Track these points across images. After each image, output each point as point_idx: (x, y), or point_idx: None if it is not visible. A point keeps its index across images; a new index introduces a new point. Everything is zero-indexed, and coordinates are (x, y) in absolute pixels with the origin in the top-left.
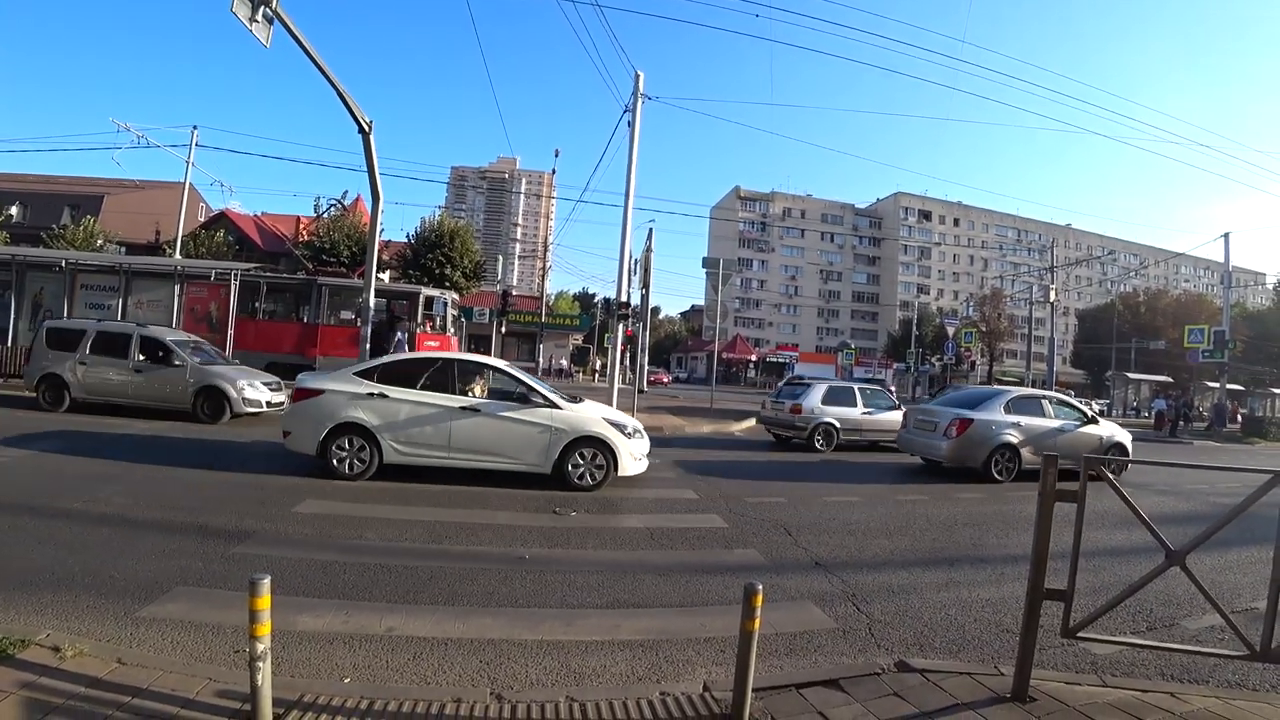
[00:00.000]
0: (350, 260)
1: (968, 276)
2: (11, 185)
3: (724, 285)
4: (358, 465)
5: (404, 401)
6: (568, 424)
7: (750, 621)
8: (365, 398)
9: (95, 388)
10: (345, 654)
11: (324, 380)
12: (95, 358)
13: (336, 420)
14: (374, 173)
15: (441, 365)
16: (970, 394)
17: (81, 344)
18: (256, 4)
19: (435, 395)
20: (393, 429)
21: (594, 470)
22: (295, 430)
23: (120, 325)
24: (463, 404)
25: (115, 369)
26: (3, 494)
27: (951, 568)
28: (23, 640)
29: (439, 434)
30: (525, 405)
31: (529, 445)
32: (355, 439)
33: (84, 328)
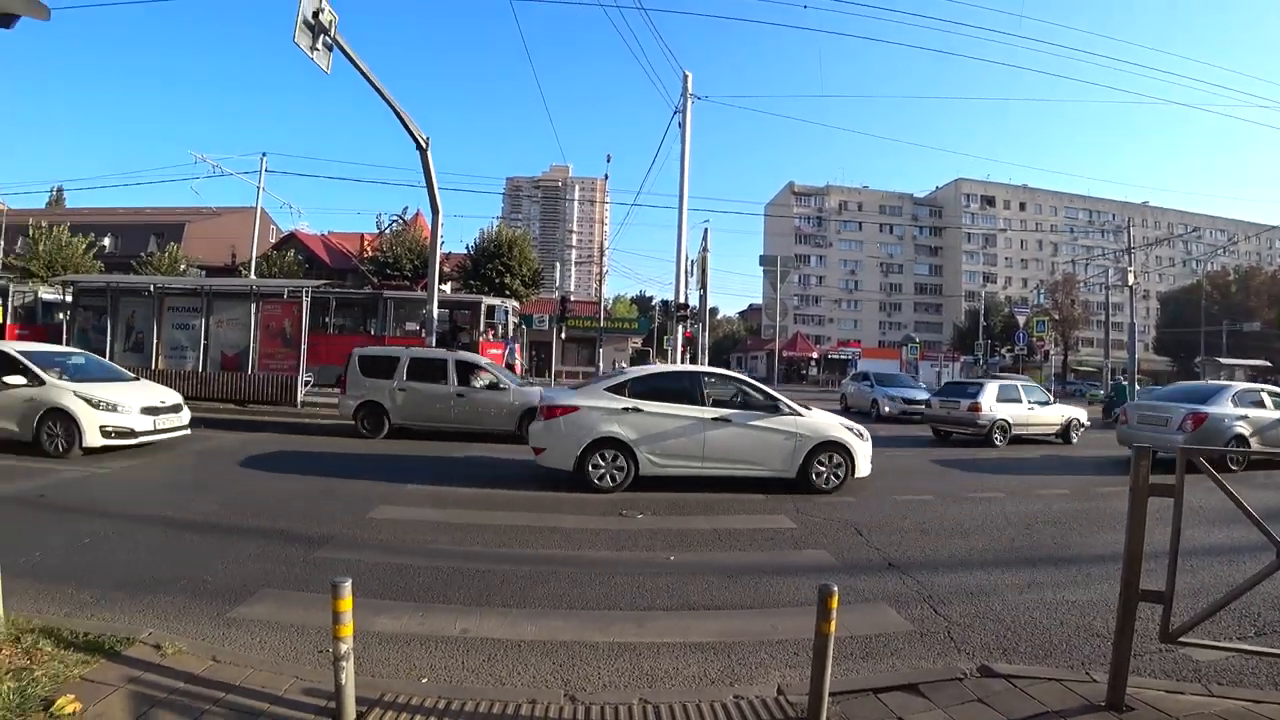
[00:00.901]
0: (413, 273)
1: (1036, 263)
2: (104, 218)
3: (782, 283)
4: (615, 478)
5: (658, 415)
6: (811, 430)
7: (826, 624)
8: (620, 412)
9: (414, 413)
10: (422, 655)
11: (577, 397)
12: (413, 384)
13: (594, 435)
14: (433, 187)
15: (688, 378)
16: (1192, 389)
17: (398, 370)
18: (317, 33)
19: (687, 407)
20: (649, 441)
21: (835, 473)
22: (551, 446)
23: (434, 351)
24: (714, 415)
25: (435, 394)
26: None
27: (1033, 568)
28: (128, 638)
29: (693, 445)
30: (772, 414)
31: (776, 452)
32: (611, 453)
33: (397, 354)
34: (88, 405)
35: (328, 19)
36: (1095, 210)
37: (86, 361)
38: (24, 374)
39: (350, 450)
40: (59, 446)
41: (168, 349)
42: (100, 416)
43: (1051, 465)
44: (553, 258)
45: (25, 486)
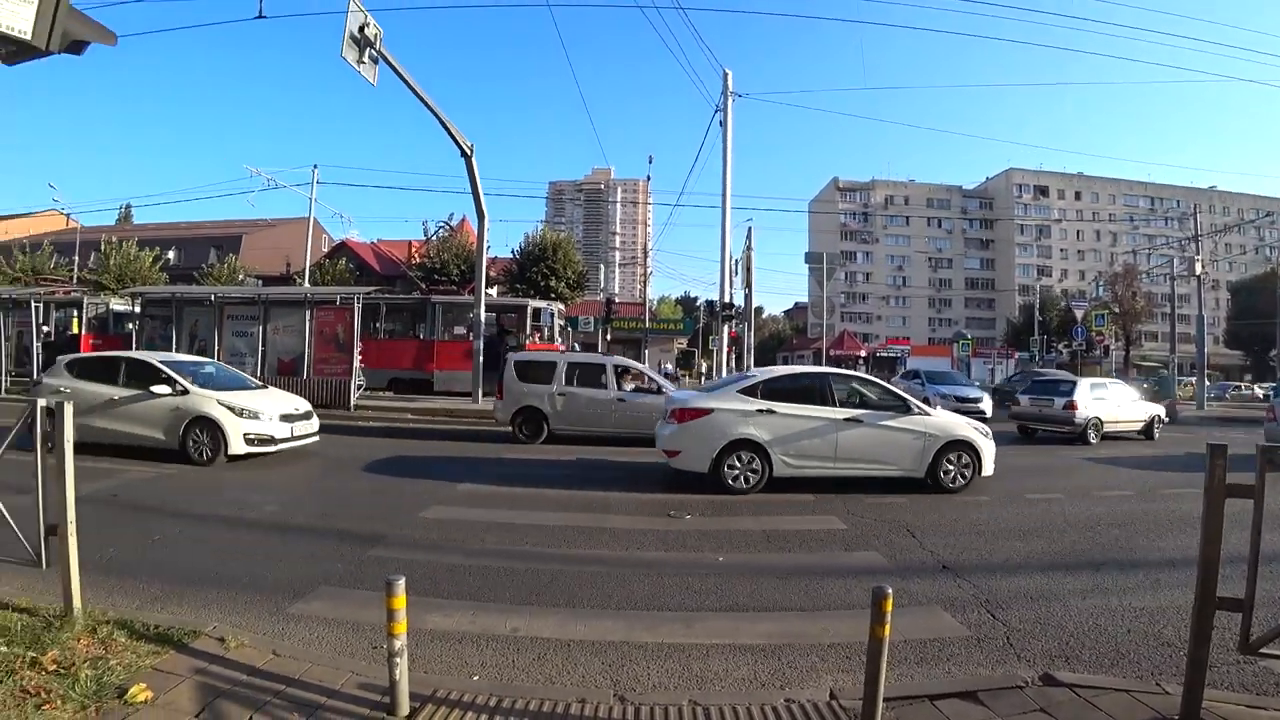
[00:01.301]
0: (460, 278)
1: (1094, 254)
2: (168, 233)
3: (828, 280)
4: (750, 480)
5: (791, 416)
6: (940, 429)
7: (880, 627)
8: (754, 414)
9: (574, 419)
10: (474, 652)
11: (710, 399)
12: (572, 389)
13: (730, 438)
14: (478, 193)
15: (818, 379)
16: None
17: (556, 375)
18: (363, 47)
19: (818, 408)
20: (782, 443)
21: (962, 472)
22: (686, 449)
23: (591, 356)
24: (846, 415)
25: (595, 399)
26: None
27: (1097, 572)
28: (194, 631)
29: (826, 445)
30: (901, 413)
31: (906, 452)
32: (746, 455)
33: (554, 359)
34: (231, 413)
35: (373, 33)
36: (1157, 197)
37: (217, 370)
38: (168, 383)
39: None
40: (204, 454)
41: (228, 355)
42: (244, 424)
43: (1120, 463)
44: (597, 260)
45: (101, 487)
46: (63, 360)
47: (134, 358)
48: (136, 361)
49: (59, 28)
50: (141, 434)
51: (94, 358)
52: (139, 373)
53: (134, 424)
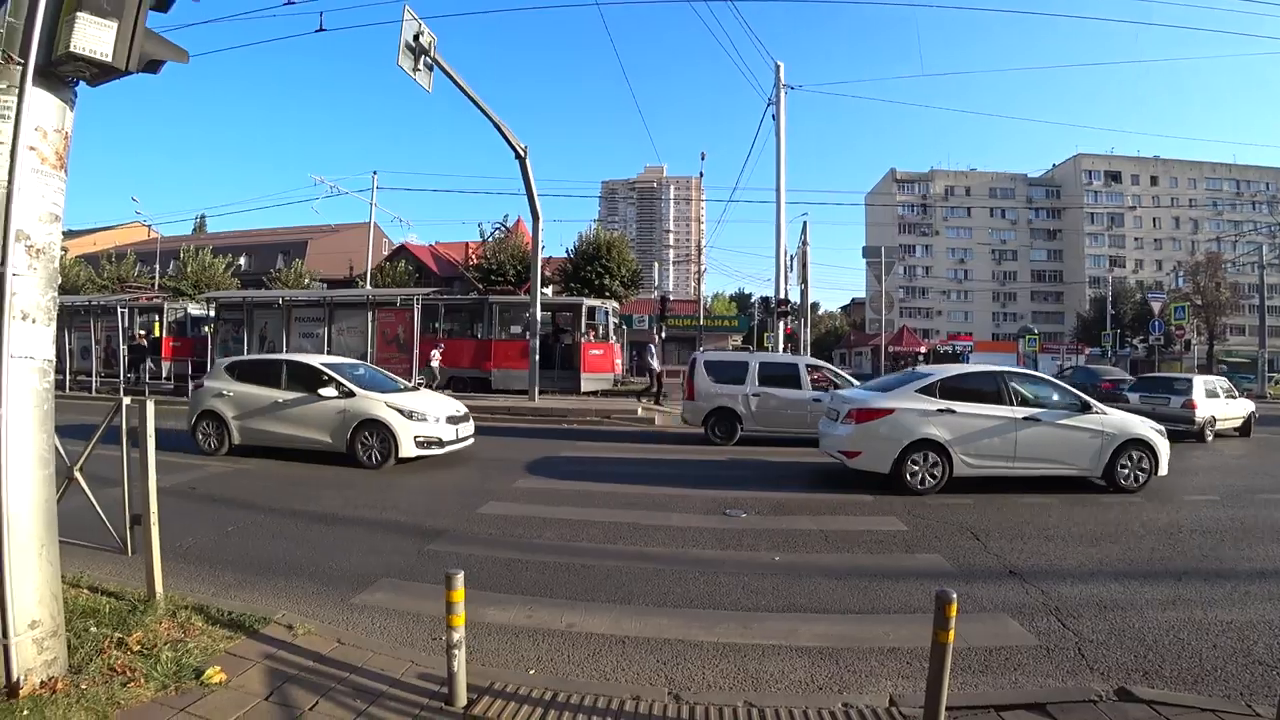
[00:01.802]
0: (516, 278)
1: (1172, 242)
2: (240, 240)
3: (887, 274)
4: (930, 480)
5: (970, 415)
6: (1118, 428)
7: (944, 633)
8: (934, 414)
9: (767, 420)
10: (529, 647)
11: (889, 399)
12: (767, 390)
13: (912, 438)
14: (532, 194)
15: (995, 378)
16: None
17: (749, 376)
18: (418, 55)
19: (997, 407)
20: (962, 442)
21: (1139, 472)
22: (867, 450)
23: (781, 356)
24: (1024, 414)
25: (791, 400)
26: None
27: (1179, 582)
28: (265, 618)
29: (1005, 445)
30: (1078, 412)
31: (1084, 451)
32: (928, 455)
33: (745, 360)
34: (401, 416)
35: (427, 40)
36: (1243, 180)
37: (367, 372)
38: (334, 385)
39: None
40: (374, 458)
41: None
42: (414, 427)
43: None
44: (650, 258)
45: (179, 480)
46: (222, 363)
47: (296, 360)
48: (298, 364)
49: (137, 49)
50: (307, 437)
51: (253, 360)
52: (300, 375)
53: (299, 427)
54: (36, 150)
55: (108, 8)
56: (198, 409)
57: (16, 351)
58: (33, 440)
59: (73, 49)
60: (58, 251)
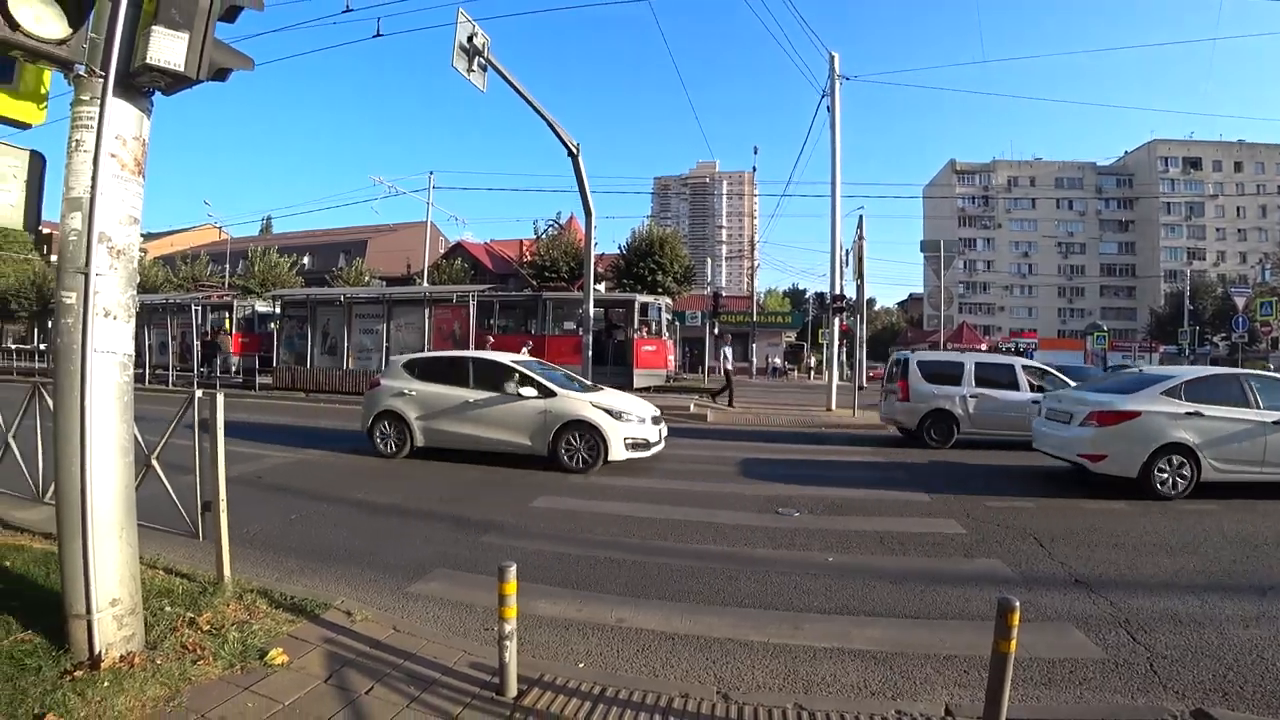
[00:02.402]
0: (569, 275)
1: (1258, 233)
2: (304, 240)
3: (946, 269)
4: (1179, 485)
5: (1219, 419)
6: None
7: (1005, 642)
8: (1183, 417)
9: (985, 422)
10: (579, 641)
11: (1136, 402)
12: (984, 391)
13: (1161, 441)
14: (585, 191)
15: (1240, 380)
16: None
17: (964, 377)
18: (471, 55)
19: (1245, 410)
20: (1211, 446)
21: None
22: (1113, 454)
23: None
24: (1274, 418)
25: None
26: None
27: (1263, 598)
28: (325, 604)
29: (1254, 449)
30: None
31: None
32: (1176, 459)
33: (961, 360)
34: (610, 417)
35: (480, 42)
36: None
37: (543, 369)
38: (533, 385)
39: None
40: (579, 461)
41: (356, 351)
42: (623, 428)
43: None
44: (703, 254)
45: (247, 470)
46: (398, 361)
47: (486, 357)
48: (488, 361)
49: (206, 58)
50: (503, 439)
51: (435, 357)
52: (491, 373)
53: (493, 429)
54: (117, 157)
55: (180, 20)
56: (375, 409)
57: (100, 346)
58: (114, 430)
59: (149, 60)
60: (137, 252)
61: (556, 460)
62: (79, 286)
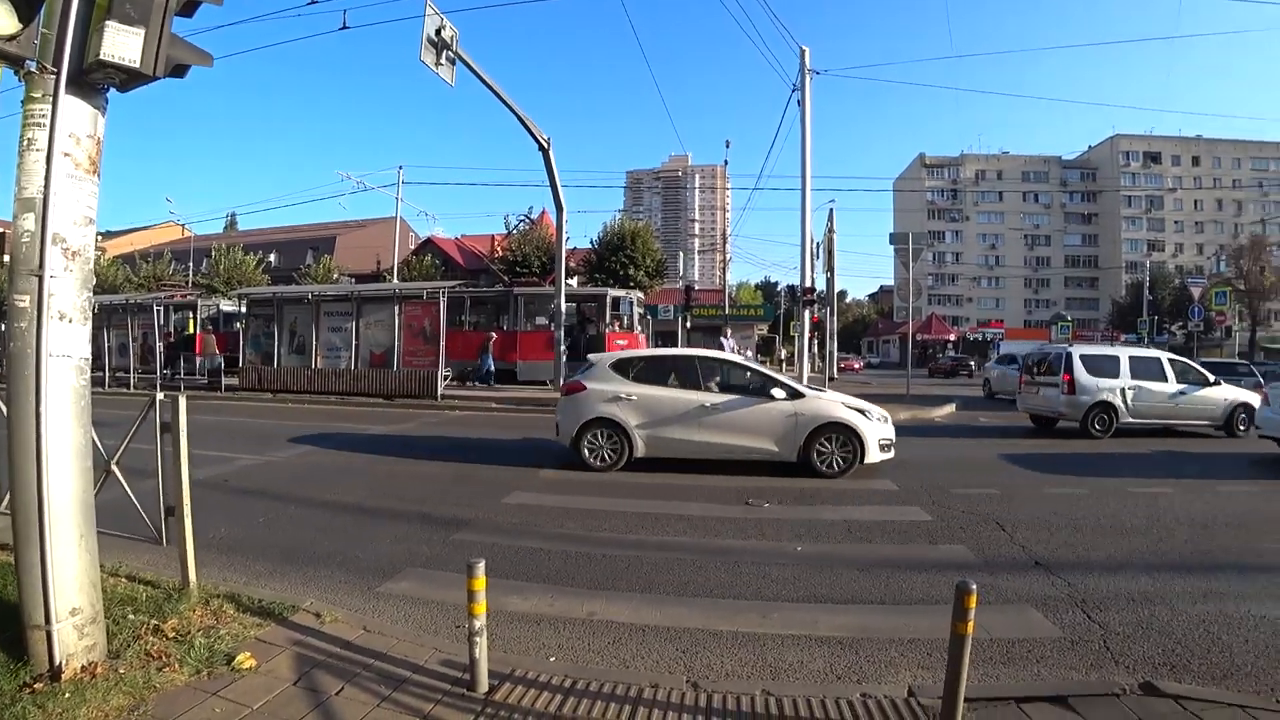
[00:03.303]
0: (541, 270)
1: (1214, 225)
2: (269, 237)
3: (915, 261)
4: None
5: None
6: None
7: (963, 624)
8: None
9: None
10: (550, 635)
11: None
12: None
13: None
14: (556, 186)
15: None
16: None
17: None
18: (440, 49)
19: None
20: None
21: None
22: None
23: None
24: None
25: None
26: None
27: (1211, 576)
28: (294, 606)
29: None
30: None
31: None
32: None
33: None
34: (863, 418)
35: (449, 35)
36: None
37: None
38: (783, 387)
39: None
40: (834, 465)
41: (324, 350)
42: (875, 429)
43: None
44: (675, 247)
45: (213, 473)
46: (604, 361)
47: (714, 356)
48: (719, 361)
49: (163, 54)
50: (746, 445)
51: (655, 356)
52: (722, 374)
53: (735, 435)
54: (70, 156)
55: (135, 15)
56: (584, 416)
57: (55, 350)
58: (71, 435)
59: (103, 56)
60: (92, 253)
61: (809, 466)
62: (32, 289)
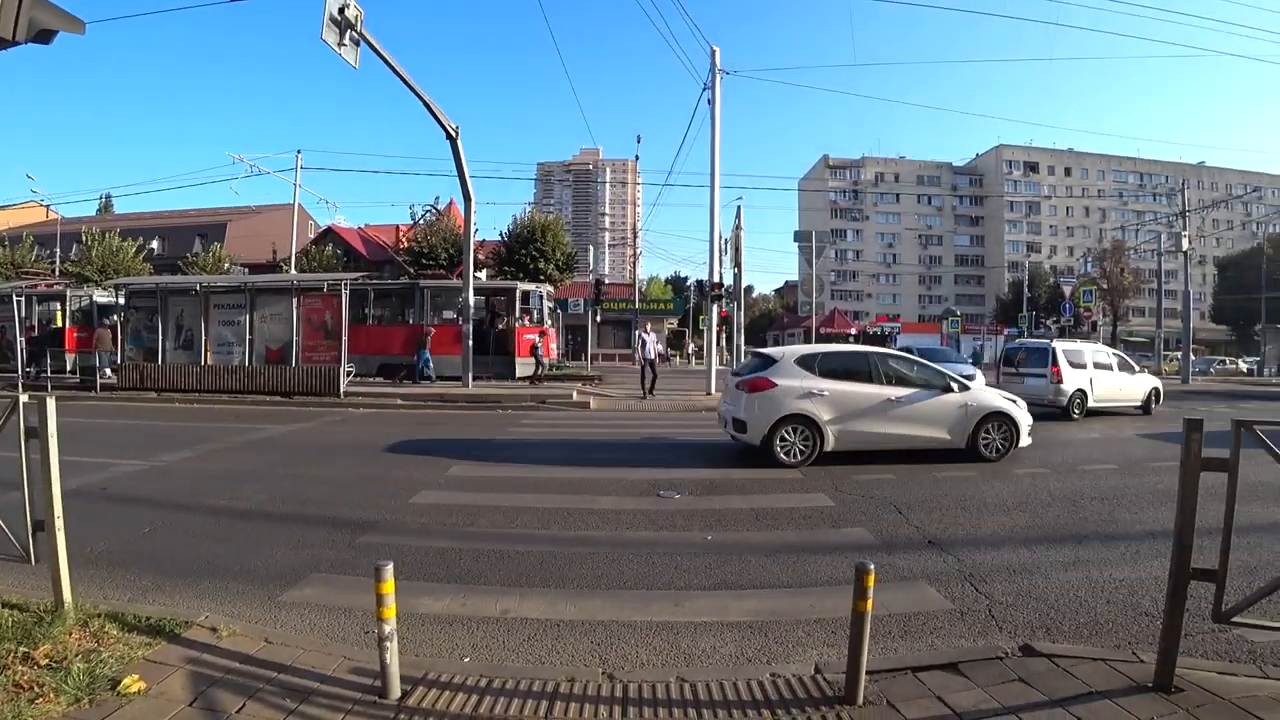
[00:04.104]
0: (449, 262)
1: (1083, 230)
2: (151, 222)
3: (818, 258)
4: None
5: None
6: None
7: (862, 602)
8: None
9: None
10: (464, 635)
11: None
12: None
13: None
14: (464, 176)
15: None
16: None
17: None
18: (344, 29)
19: None
20: None
21: None
22: None
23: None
24: None
25: None
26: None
27: (1079, 545)
28: (186, 621)
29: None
30: None
31: None
32: None
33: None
34: (1017, 407)
35: (353, 14)
36: (1147, 173)
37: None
38: (954, 380)
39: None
40: (995, 451)
41: (215, 345)
42: (1025, 417)
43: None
44: (586, 241)
45: (90, 481)
46: (790, 356)
47: (888, 351)
48: (893, 355)
49: (25, 17)
50: (925, 436)
51: (838, 352)
52: (897, 368)
53: (916, 426)
54: None
55: None
56: (777, 413)
57: None
58: None
59: None
60: None
61: (975, 452)
62: None
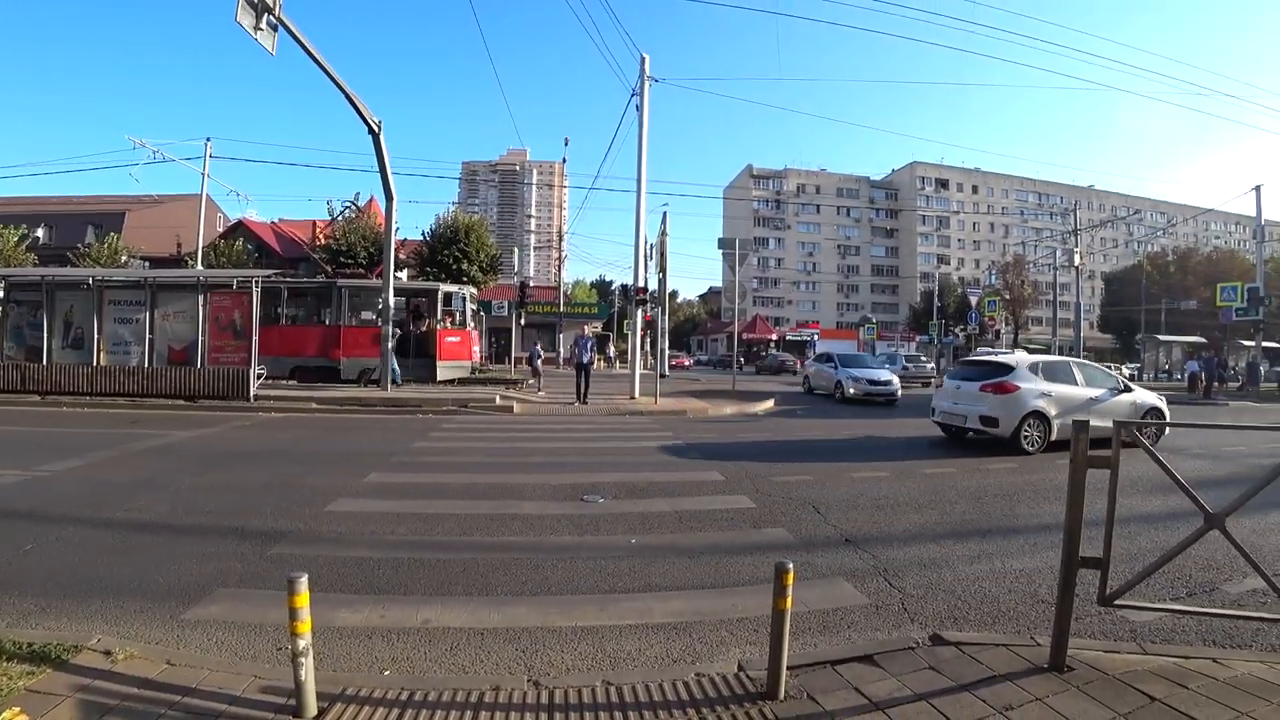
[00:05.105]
0: (368, 261)
1: (989, 244)
2: (36, 208)
3: (741, 265)
4: None
5: None
6: None
7: (782, 600)
8: None
9: None
10: (384, 647)
11: None
12: None
13: None
14: (386, 173)
15: None
16: None
17: None
18: (260, 12)
19: None
20: None
21: None
22: None
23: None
24: None
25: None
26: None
27: (983, 539)
28: (75, 646)
29: None
30: None
31: None
32: None
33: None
34: (1164, 403)
35: None
36: (1044, 193)
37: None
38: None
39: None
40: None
41: (110, 344)
42: (1168, 413)
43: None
44: (511, 243)
45: None
46: (1023, 363)
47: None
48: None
49: None
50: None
51: (1052, 362)
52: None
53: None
54: None
55: None
56: (1024, 410)
57: None
58: None
59: None
60: None
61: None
62: None
